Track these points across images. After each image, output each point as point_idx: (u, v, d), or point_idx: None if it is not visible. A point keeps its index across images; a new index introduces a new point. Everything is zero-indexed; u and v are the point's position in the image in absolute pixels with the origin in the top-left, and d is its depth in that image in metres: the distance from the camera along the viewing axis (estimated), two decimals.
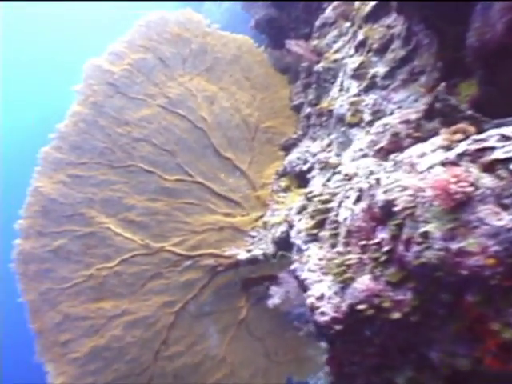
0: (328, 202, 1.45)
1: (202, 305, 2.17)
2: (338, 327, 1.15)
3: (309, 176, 2.17)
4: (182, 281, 2.17)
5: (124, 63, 2.42)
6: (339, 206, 1.38)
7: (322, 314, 1.18)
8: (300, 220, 1.64)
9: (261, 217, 2.27)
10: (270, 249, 2.09)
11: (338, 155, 2.01)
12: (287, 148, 2.48)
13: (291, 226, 2.01)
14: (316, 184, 1.97)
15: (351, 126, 1.96)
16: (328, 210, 1.45)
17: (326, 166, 2.01)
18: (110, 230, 2.23)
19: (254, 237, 2.20)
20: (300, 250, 1.49)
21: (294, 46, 2.60)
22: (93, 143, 2.32)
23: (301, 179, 2.27)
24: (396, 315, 1.07)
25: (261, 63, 2.77)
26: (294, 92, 2.69)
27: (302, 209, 2.06)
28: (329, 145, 2.12)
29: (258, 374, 2.17)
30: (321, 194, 1.53)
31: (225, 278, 2.20)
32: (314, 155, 2.21)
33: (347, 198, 1.36)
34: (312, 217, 1.48)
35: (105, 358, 2.09)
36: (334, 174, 1.79)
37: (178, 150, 2.34)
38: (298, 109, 2.65)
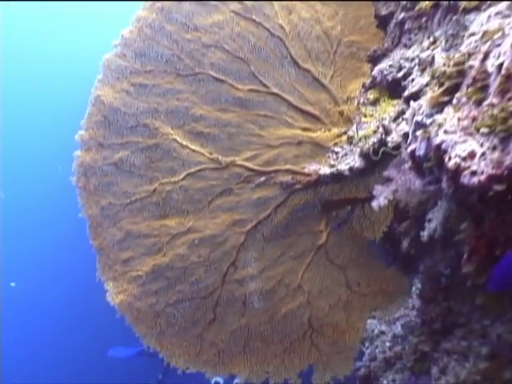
0: (463, 63, 1.11)
1: (276, 226, 1.89)
2: (498, 187, 0.82)
3: (404, 83, 1.83)
4: (254, 198, 1.89)
5: None
6: (484, 59, 1.03)
7: (474, 173, 0.86)
8: (416, 100, 1.31)
9: (344, 132, 1.95)
10: (358, 163, 1.77)
11: (446, 50, 1.64)
12: (375, 60, 2.13)
13: (387, 132, 1.68)
14: (420, 81, 1.62)
15: (467, 11, 1.59)
16: (462, 73, 1.11)
17: (431, 64, 1.65)
18: (175, 142, 1.99)
19: (337, 153, 1.89)
20: (421, 126, 1.16)
21: None
22: (159, 50, 2.07)
23: (393, 90, 1.93)
24: None
25: None
26: (381, 3, 2.32)
27: (401, 113, 1.73)
28: (433, 42, 1.76)
29: (338, 306, 1.87)
30: (448, 63, 1.19)
31: (303, 197, 1.90)
32: (412, 59, 1.86)
33: (497, 45, 1.02)
34: (441, 84, 1.14)
35: (168, 277, 1.87)
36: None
37: (253, 58, 2.05)
38: (385, 21, 2.28)
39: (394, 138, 1.61)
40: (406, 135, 1.58)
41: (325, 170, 1.82)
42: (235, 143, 1.97)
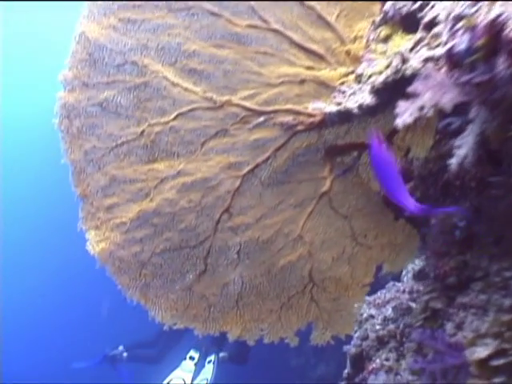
0: None
1: (275, 171, 1.64)
2: None
3: (421, 14, 1.57)
4: (251, 140, 1.64)
5: None
6: None
7: None
8: None
9: (352, 72, 1.70)
10: (368, 100, 1.52)
11: None
12: None
13: (405, 61, 1.43)
14: (442, 4, 1.36)
15: None
16: None
17: None
18: (166, 80, 1.74)
19: (344, 92, 1.63)
20: (462, 18, 0.90)
21: None
22: None
23: (407, 25, 1.67)
24: None
25: None
26: None
27: (419, 42, 1.47)
28: None
29: (343, 258, 1.63)
30: None
31: (305, 140, 1.66)
32: None
33: None
34: None
35: (154, 224, 1.62)
36: None
37: None
38: None
39: (413, 64, 1.36)
40: (428, 59, 1.33)
41: (331, 108, 1.57)
42: (231, 81, 1.71)
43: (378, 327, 2.19)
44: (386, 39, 1.72)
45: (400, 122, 1.08)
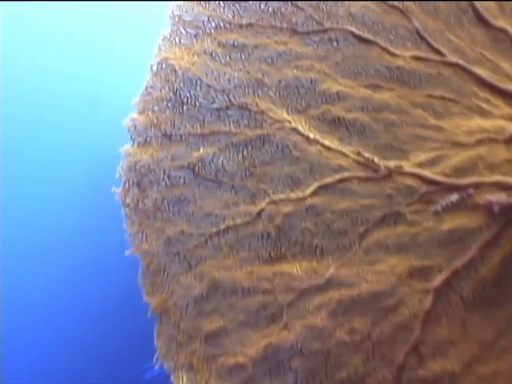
0: None
1: (483, 282, 1.09)
2: None
3: None
4: (442, 231, 1.11)
5: None
6: None
7: None
8: None
9: None
10: None
11: None
12: None
13: None
14: None
15: None
16: None
17: None
18: (296, 134, 1.23)
19: None
20: None
21: None
22: None
23: None
24: None
25: None
26: None
27: None
28: None
29: None
30: None
31: None
32: None
33: None
34: None
35: (294, 370, 1.05)
36: None
37: (416, 9, 1.31)
38: None
39: None
40: None
41: None
42: (398, 138, 1.20)
43: None
44: None
45: None
